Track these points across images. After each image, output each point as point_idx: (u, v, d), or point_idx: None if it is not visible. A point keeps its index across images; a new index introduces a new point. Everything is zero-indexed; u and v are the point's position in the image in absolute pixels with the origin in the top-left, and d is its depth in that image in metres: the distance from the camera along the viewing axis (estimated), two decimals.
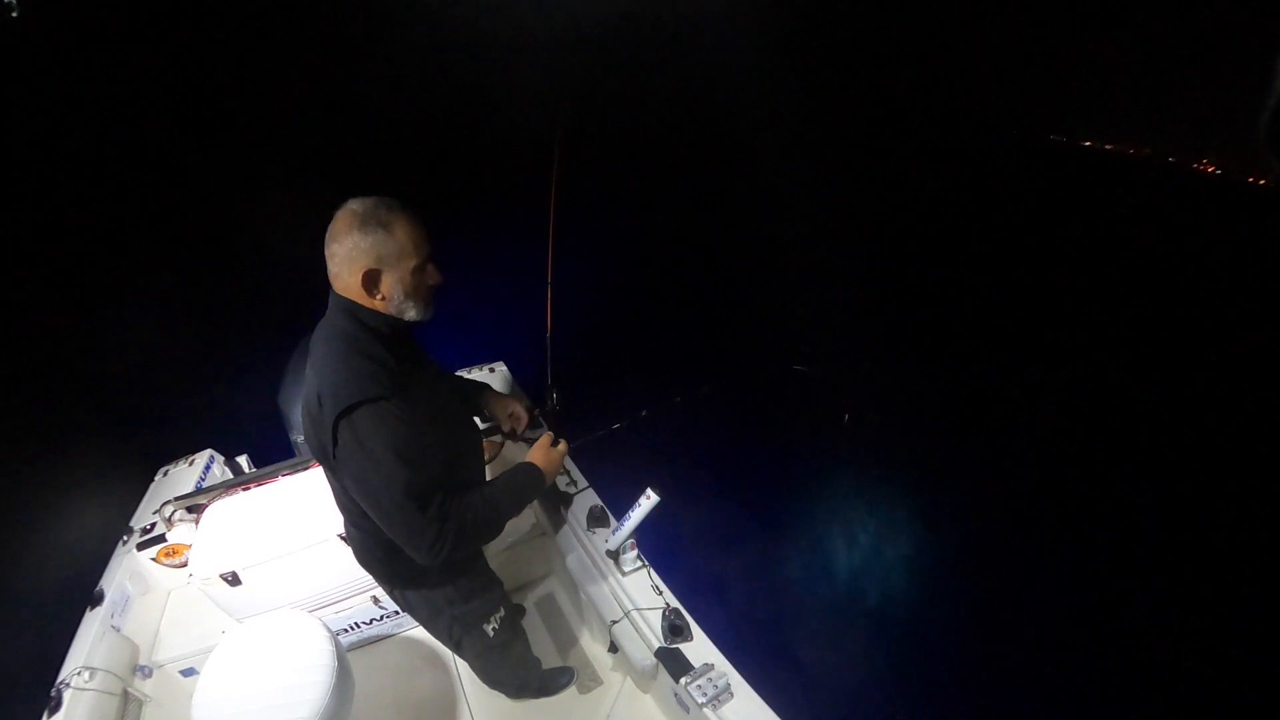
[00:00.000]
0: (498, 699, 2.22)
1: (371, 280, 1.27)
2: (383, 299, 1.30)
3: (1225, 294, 6.15)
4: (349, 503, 1.43)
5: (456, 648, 1.83)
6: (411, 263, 1.28)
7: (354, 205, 1.26)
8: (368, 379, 1.25)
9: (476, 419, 1.89)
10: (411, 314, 1.34)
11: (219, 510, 2.25)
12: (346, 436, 1.23)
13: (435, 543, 1.29)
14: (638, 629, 1.87)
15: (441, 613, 1.69)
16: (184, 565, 2.42)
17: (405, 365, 1.36)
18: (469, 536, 1.36)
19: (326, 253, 1.28)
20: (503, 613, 1.79)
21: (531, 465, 1.59)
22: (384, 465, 1.23)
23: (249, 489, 2.36)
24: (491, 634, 1.76)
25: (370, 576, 1.74)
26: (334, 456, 1.26)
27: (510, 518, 1.52)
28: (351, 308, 1.30)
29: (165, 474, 2.84)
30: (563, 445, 1.67)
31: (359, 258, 1.25)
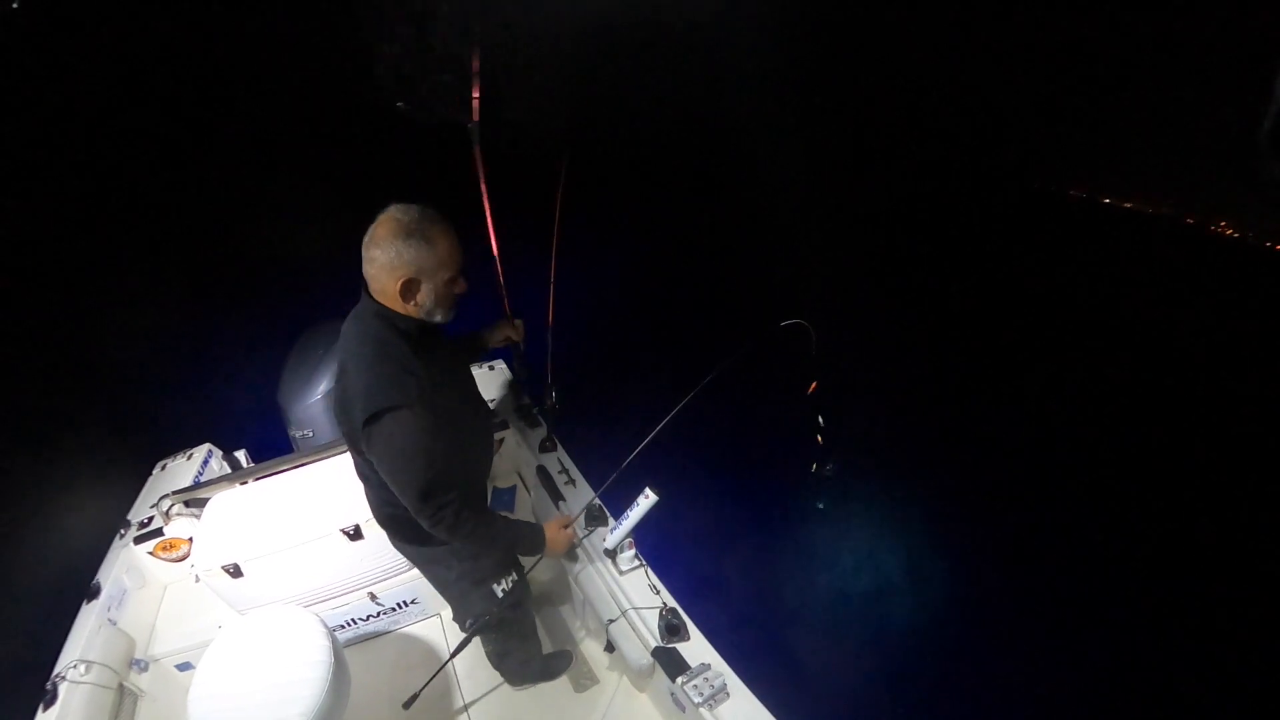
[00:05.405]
0: (493, 694, 2.22)
1: (409, 289, 1.34)
2: (416, 305, 1.38)
3: (1226, 356, 6.15)
4: (383, 487, 1.55)
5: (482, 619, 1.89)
6: (447, 275, 1.37)
7: (398, 214, 1.30)
8: (394, 386, 1.34)
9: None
10: (438, 318, 1.44)
11: (222, 503, 2.26)
12: (375, 437, 1.35)
13: (437, 522, 1.46)
14: (634, 628, 1.87)
15: (484, 582, 1.77)
16: (181, 559, 2.42)
17: (431, 368, 1.44)
18: (462, 536, 1.54)
19: (365, 255, 1.34)
20: (514, 575, 1.88)
21: (540, 532, 1.79)
22: (406, 461, 1.38)
23: (247, 483, 2.37)
24: (511, 589, 1.85)
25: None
26: (366, 451, 1.42)
27: (496, 557, 1.76)
28: (385, 313, 1.38)
29: (163, 468, 2.84)
30: (571, 531, 1.89)
31: (400, 267, 1.31)
